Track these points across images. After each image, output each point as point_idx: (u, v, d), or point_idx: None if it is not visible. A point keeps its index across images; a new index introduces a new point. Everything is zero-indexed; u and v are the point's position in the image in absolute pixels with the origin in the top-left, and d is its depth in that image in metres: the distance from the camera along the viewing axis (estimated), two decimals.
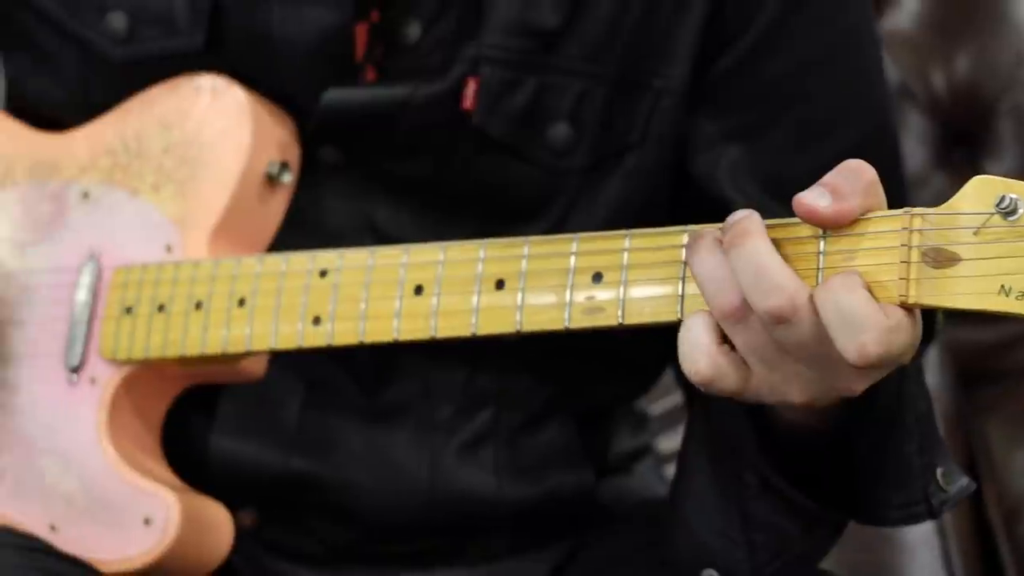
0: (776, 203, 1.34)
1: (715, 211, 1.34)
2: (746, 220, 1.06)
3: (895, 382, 1.14)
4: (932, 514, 1.19)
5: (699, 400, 1.25)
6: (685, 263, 1.11)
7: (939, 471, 1.19)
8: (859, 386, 1.08)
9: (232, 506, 1.37)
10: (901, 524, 1.23)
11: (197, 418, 1.40)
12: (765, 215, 1.33)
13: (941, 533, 1.35)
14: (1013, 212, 1.01)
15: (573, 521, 1.46)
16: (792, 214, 1.33)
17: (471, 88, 1.34)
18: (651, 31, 1.35)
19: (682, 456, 1.28)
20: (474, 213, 1.38)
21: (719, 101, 1.36)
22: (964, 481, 1.21)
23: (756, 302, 1.05)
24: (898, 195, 1.15)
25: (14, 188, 1.45)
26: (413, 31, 1.35)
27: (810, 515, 1.21)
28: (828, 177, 1.06)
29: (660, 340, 1.32)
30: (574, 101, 1.35)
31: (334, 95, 1.35)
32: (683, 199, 1.39)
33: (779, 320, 1.04)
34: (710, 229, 1.09)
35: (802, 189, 1.35)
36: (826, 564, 1.31)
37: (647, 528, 1.47)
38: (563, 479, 1.44)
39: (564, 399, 1.45)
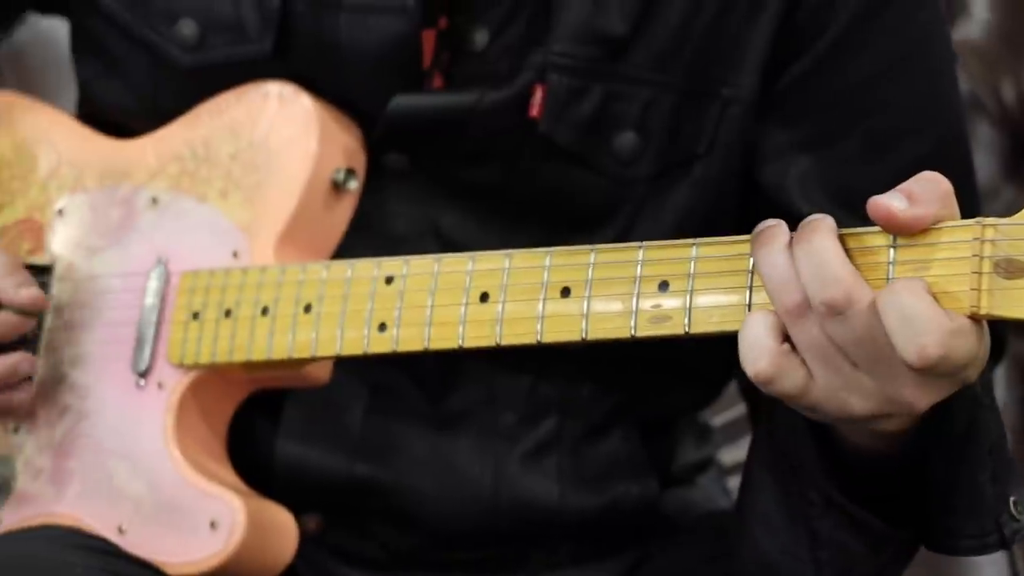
0: (845, 214, 1.32)
1: (783, 220, 1.33)
2: (818, 219, 1.06)
3: (968, 409, 1.13)
4: (1004, 544, 1.18)
5: (763, 418, 1.25)
6: (752, 272, 1.11)
7: (1012, 500, 1.17)
8: (921, 401, 1.06)
9: (296, 510, 1.37)
10: (972, 554, 1.21)
11: (262, 423, 1.40)
12: None
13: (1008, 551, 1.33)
14: None
15: (636, 532, 1.45)
16: (862, 225, 1.33)
17: (538, 95, 1.34)
18: (720, 39, 1.34)
19: (746, 473, 1.27)
20: (539, 220, 1.38)
21: (789, 110, 1.36)
22: None
23: (814, 293, 1.05)
24: (970, 205, 1.14)
25: (85, 194, 1.46)
26: (481, 38, 1.35)
27: (877, 534, 1.19)
28: (905, 184, 1.06)
29: (726, 350, 1.32)
30: (641, 109, 1.35)
31: (401, 101, 1.35)
32: (750, 208, 1.38)
33: (833, 311, 1.04)
34: (776, 224, 1.07)
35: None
36: None
37: (712, 541, 1.46)
38: (627, 489, 1.43)
39: (628, 408, 1.44)
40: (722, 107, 1.35)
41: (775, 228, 1.07)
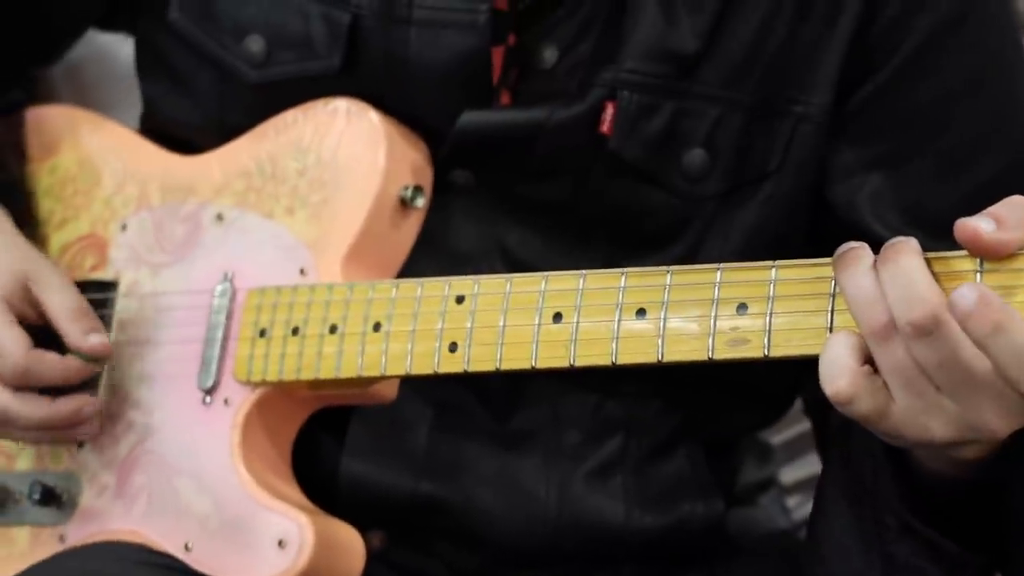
0: (918, 233, 1.31)
1: (854, 240, 1.32)
2: (903, 241, 1.05)
3: None
4: None
5: (836, 442, 1.23)
6: (835, 295, 1.09)
7: None
8: (1005, 427, 1.04)
9: (360, 528, 1.36)
10: None
11: (327, 440, 1.40)
12: None
13: None
14: None
15: (701, 552, 1.44)
16: (937, 245, 1.31)
17: (609, 112, 1.33)
18: (792, 57, 1.33)
19: (819, 497, 1.26)
20: (606, 238, 1.37)
21: (862, 128, 1.35)
22: None
23: (900, 314, 1.03)
24: None
25: (149, 210, 1.46)
26: (550, 55, 1.35)
27: (953, 559, 1.18)
28: (993, 208, 1.04)
29: (793, 370, 1.30)
30: (710, 127, 1.34)
31: (469, 118, 1.35)
32: (821, 227, 1.37)
33: (920, 332, 1.02)
34: (860, 246, 1.06)
35: (944, 219, 1.32)
36: None
37: (776, 561, 1.45)
38: (692, 508, 1.43)
39: (694, 427, 1.43)
40: (794, 125, 1.34)
41: (858, 250, 1.06)
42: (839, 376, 1.04)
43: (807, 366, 1.11)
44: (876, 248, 1.30)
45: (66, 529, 1.41)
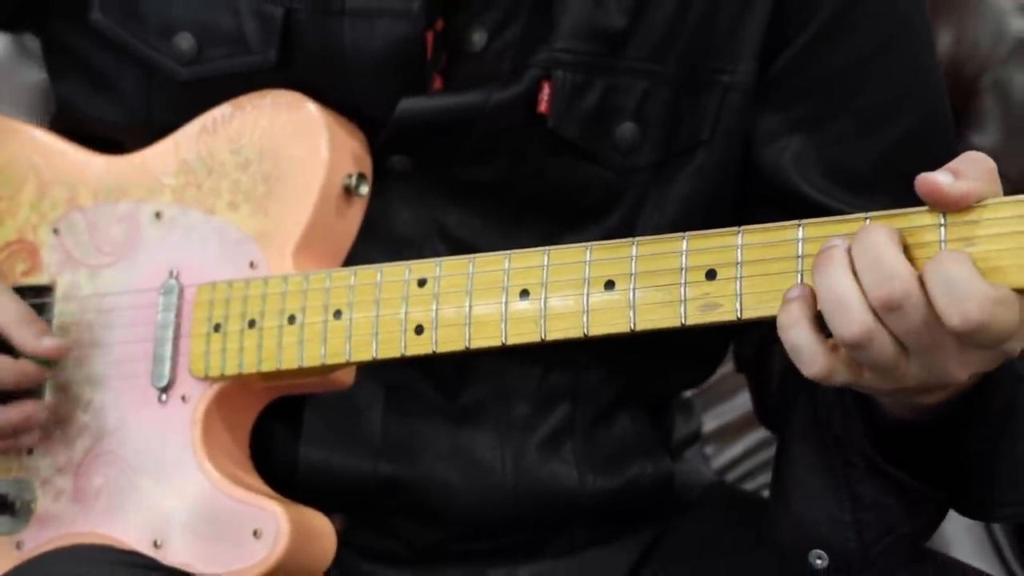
0: (840, 190, 1.38)
1: (781, 201, 1.39)
2: (872, 224, 1.09)
3: (1009, 383, 1.18)
4: None
5: (803, 395, 1.28)
6: (801, 257, 1.14)
7: None
8: (963, 372, 1.11)
9: (322, 513, 1.37)
10: (1010, 521, 1.27)
11: (281, 430, 1.42)
12: (830, 201, 1.36)
13: None
14: None
15: (651, 510, 1.48)
16: (858, 200, 1.37)
17: (546, 92, 1.36)
18: (715, 29, 1.38)
19: (783, 447, 1.32)
20: (544, 215, 1.40)
21: (783, 94, 1.40)
22: None
23: (871, 288, 1.08)
24: None
25: (80, 211, 1.45)
26: (479, 39, 1.37)
27: (916, 495, 1.25)
28: (951, 163, 1.09)
29: (724, 328, 1.35)
30: (639, 100, 1.38)
31: (408, 104, 1.37)
32: (748, 191, 1.42)
33: (892, 307, 1.07)
34: (831, 246, 1.10)
35: (864, 175, 1.39)
36: None
37: (722, 512, 1.50)
38: (642, 468, 1.47)
39: (634, 391, 1.48)
40: (722, 94, 1.38)
41: (831, 249, 1.10)
42: (813, 362, 1.10)
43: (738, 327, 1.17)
44: (801, 205, 1.37)
45: (23, 536, 1.41)
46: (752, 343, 1.47)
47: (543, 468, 1.43)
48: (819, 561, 1.28)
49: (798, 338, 1.09)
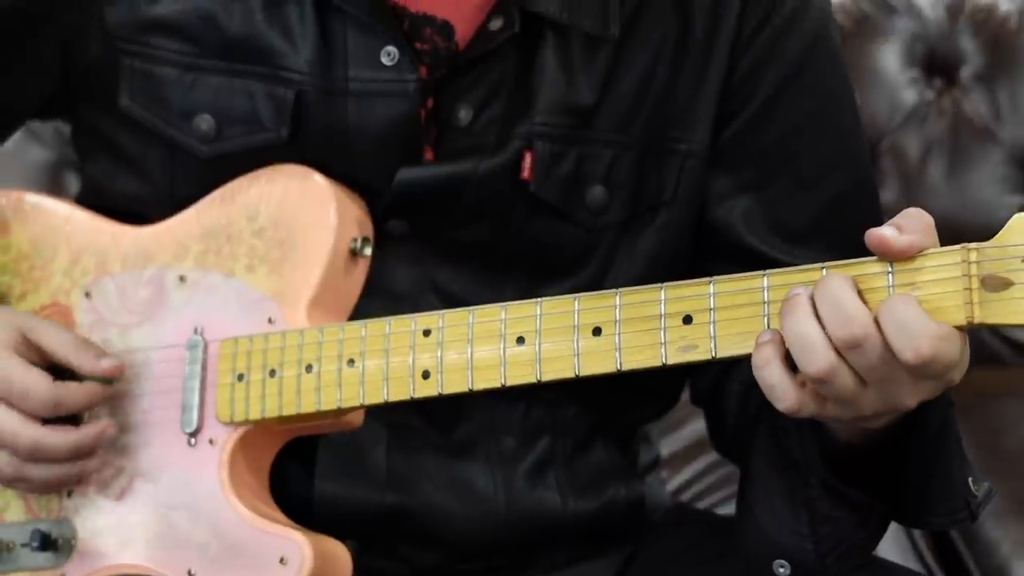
0: (783, 242, 1.44)
1: (732, 254, 1.44)
2: (831, 273, 1.16)
3: (943, 408, 1.24)
4: (973, 517, 1.31)
5: (763, 426, 1.35)
6: (766, 302, 1.20)
7: (970, 480, 1.30)
8: (912, 400, 1.18)
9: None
10: (943, 528, 1.33)
11: (296, 467, 1.44)
12: (775, 253, 1.42)
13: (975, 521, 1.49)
14: None
15: (626, 529, 1.53)
16: (798, 250, 1.43)
17: (528, 160, 1.41)
18: (673, 104, 1.43)
19: (747, 471, 1.38)
20: (525, 269, 1.45)
21: (732, 159, 1.45)
22: (987, 485, 1.32)
23: (833, 330, 1.14)
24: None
25: (110, 276, 1.48)
26: (465, 114, 1.41)
27: (865, 509, 1.32)
28: (895, 219, 1.16)
29: (682, 371, 1.41)
30: (607, 167, 1.43)
31: (405, 175, 1.40)
32: (704, 245, 1.47)
33: (853, 346, 1.14)
34: (796, 294, 1.17)
35: (803, 229, 1.46)
36: None
37: (688, 530, 1.55)
38: (616, 491, 1.51)
39: (605, 424, 1.52)
40: (681, 161, 1.43)
41: (796, 297, 1.16)
42: (785, 398, 1.17)
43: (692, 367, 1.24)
44: (749, 257, 1.43)
45: (65, 570, 1.44)
46: (706, 383, 1.51)
47: (530, 495, 1.47)
48: (782, 569, 1.34)
49: (771, 377, 1.16)
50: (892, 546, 1.94)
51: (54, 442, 1.37)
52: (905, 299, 1.14)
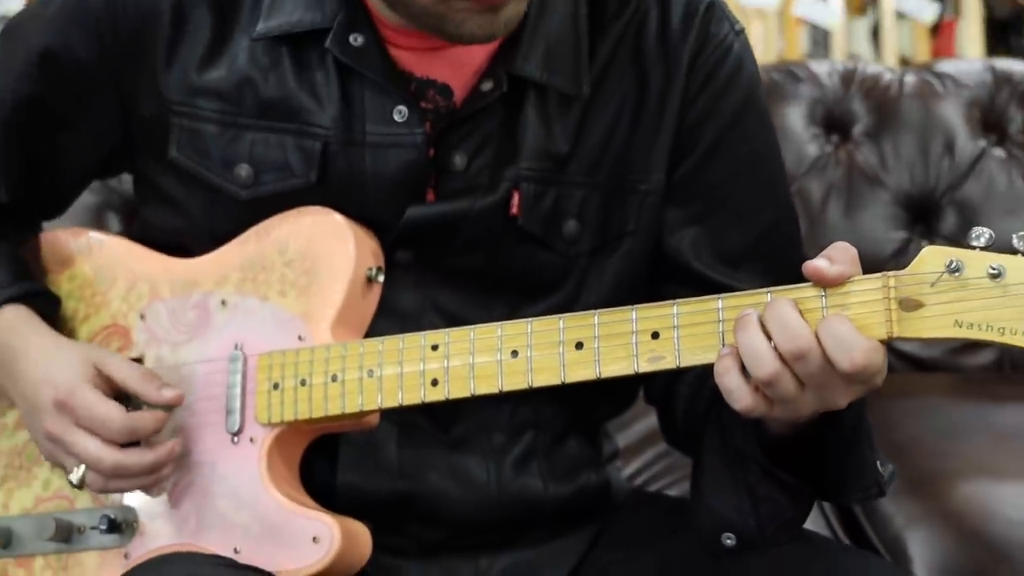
0: (724, 266, 1.46)
1: (682, 277, 1.46)
2: (778, 297, 1.20)
3: (857, 407, 1.27)
4: (882, 493, 1.35)
5: (711, 424, 1.37)
6: (721, 320, 1.23)
7: (878, 463, 1.34)
8: (844, 401, 1.22)
9: None
10: (860, 502, 1.36)
11: (321, 461, 1.45)
12: (717, 275, 1.44)
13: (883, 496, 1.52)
14: (958, 270, 1.16)
15: (596, 510, 1.54)
16: (736, 272, 1.45)
17: (516, 199, 1.42)
18: (633, 151, 1.44)
19: (698, 460, 1.41)
20: (512, 290, 1.45)
21: (681, 196, 1.46)
22: (891, 466, 1.36)
23: (781, 344, 1.17)
24: (801, 259, 1.27)
25: (162, 301, 1.49)
26: (460, 161, 1.42)
27: (796, 490, 1.35)
28: (826, 251, 1.19)
29: (639, 378, 1.42)
30: (579, 204, 1.44)
31: (413, 213, 1.41)
32: (658, 270, 1.49)
33: (798, 358, 1.17)
34: (747, 313, 1.20)
35: (740, 255, 1.48)
36: None
37: (646, 510, 1.56)
38: (588, 478, 1.53)
39: (578, 421, 1.53)
40: (642, 198, 1.45)
41: (747, 316, 1.20)
42: (741, 399, 1.20)
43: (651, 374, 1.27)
44: (696, 279, 1.45)
45: (128, 549, 1.44)
46: (658, 387, 1.53)
47: (517, 481, 1.48)
48: (729, 541, 1.36)
49: (731, 382, 1.19)
50: (808, 520, 1.97)
51: (133, 462, 1.37)
52: (841, 318, 1.17)
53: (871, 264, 1.21)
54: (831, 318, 1.17)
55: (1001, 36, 5.25)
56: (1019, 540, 1.86)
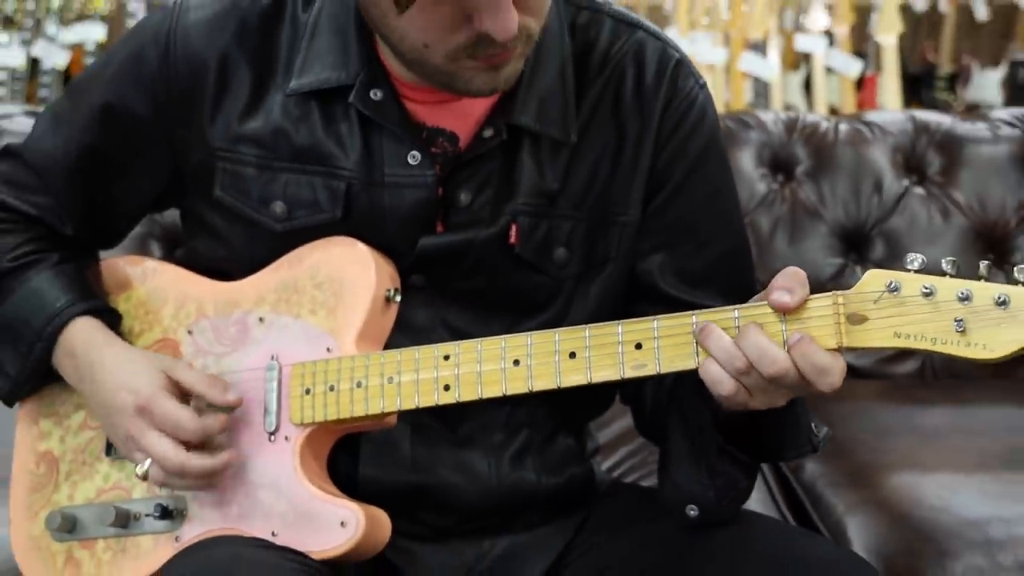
0: (686, 287, 1.49)
1: (651, 296, 1.48)
2: (749, 325, 1.24)
3: None
4: (815, 450, 1.38)
5: (674, 414, 1.41)
6: (695, 334, 1.26)
7: (813, 424, 1.37)
8: (788, 399, 1.27)
9: None
10: (796, 459, 1.41)
11: (345, 456, 1.47)
12: (681, 295, 1.47)
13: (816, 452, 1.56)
14: (896, 290, 1.20)
15: (582, 499, 1.56)
16: (696, 292, 1.48)
17: (514, 231, 1.44)
18: (613, 188, 1.47)
19: (666, 443, 1.43)
20: (509, 308, 1.47)
21: (651, 226, 1.48)
22: (826, 430, 1.40)
23: (762, 369, 1.21)
24: (752, 280, 1.30)
25: (207, 319, 1.50)
26: (465, 198, 1.44)
27: (747, 464, 1.39)
28: (780, 282, 1.23)
29: (616, 383, 1.45)
30: (568, 234, 1.46)
31: (425, 242, 1.44)
32: (632, 290, 1.51)
33: (777, 379, 1.22)
34: (708, 325, 1.25)
35: (700, 277, 1.50)
36: None
37: (625, 499, 1.59)
38: (576, 471, 1.55)
39: (566, 421, 1.55)
40: (621, 229, 1.47)
41: (709, 326, 1.24)
42: (723, 386, 1.23)
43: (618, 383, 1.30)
44: (663, 298, 1.47)
45: (179, 533, 1.45)
46: (631, 387, 1.55)
47: (514, 474, 1.50)
48: (692, 512, 1.40)
49: (715, 374, 1.23)
50: (760, 506, 2.01)
51: (196, 466, 1.38)
52: (815, 347, 1.21)
53: (813, 286, 1.25)
54: (808, 346, 1.21)
55: (915, 88, 5.35)
56: (942, 523, 1.89)
